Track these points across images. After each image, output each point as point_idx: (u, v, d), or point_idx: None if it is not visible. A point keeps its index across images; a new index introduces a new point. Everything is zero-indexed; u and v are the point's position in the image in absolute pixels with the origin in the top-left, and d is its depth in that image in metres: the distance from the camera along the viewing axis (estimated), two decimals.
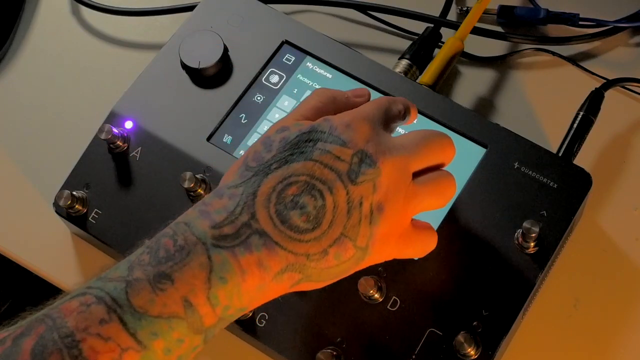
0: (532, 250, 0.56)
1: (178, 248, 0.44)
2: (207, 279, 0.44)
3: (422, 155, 0.51)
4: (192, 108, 0.63)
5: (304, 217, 0.46)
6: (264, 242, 0.45)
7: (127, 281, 0.43)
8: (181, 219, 0.46)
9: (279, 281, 0.46)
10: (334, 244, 0.46)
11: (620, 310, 0.60)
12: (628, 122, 0.67)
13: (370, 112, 0.50)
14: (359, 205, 0.47)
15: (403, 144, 0.50)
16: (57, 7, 0.76)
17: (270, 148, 0.48)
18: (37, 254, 0.66)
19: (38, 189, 0.68)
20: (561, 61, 0.70)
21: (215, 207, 0.46)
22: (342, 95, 0.53)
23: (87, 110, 0.70)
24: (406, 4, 0.71)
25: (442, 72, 0.65)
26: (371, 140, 0.48)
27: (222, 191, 0.47)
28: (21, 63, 0.74)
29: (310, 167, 0.47)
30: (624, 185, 0.64)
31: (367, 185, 0.47)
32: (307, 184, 0.46)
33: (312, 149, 0.47)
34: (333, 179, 0.47)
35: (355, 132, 0.48)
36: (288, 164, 0.47)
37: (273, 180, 0.47)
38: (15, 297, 0.93)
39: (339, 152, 0.47)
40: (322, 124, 0.49)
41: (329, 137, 0.48)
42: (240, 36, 0.65)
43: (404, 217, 0.49)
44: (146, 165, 0.62)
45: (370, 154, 0.48)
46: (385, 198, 0.48)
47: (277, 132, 0.49)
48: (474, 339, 0.54)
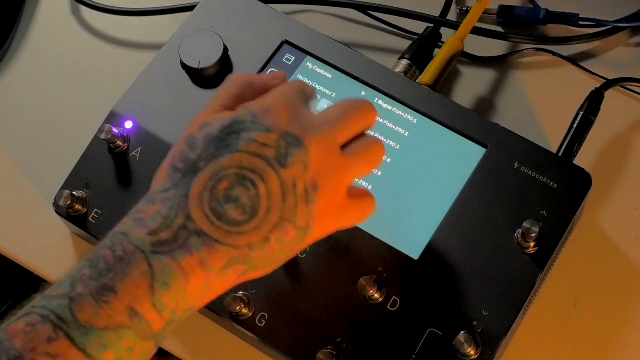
0: (532, 250, 0.56)
1: (117, 259, 0.44)
2: (150, 286, 0.43)
3: (346, 125, 0.50)
4: (192, 108, 0.63)
5: (240, 209, 0.45)
6: (203, 242, 0.45)
7: (71, 297, 0.43)
8: (118, 229, 0.46)
9: (224, 277, 0.46)
10: (273, 229, 0.46)
11: (620, 310, 0.60)
12: (628, 122, 0.67)
13: (289, 93, 0.50)
14: (293, 188, 0.47)
15: (326, 118, 0.49)
16: (57, 7, 0.76)
17: (195, 146, 0.47)
18: (37, 254, 0.66)
19: (38, 189, 0.68)
20: (561, 61, 0.70)
21: (149, 214, 0.46)
22: (259, 79, 0.52)
23: (87, 110, 0.70)
24: (406, 4, 0.71)
25: (442, 72, 0.65)
26: (294, 121, 0.48)
27: (154, 197, 0.47)
28: (21, 63, 0.74)
29: (238, 159, 0.46)
30: (624, 185, 0.64)
31: (298, 166, 0.47)
32: (237, 175, 0.46)
33: (236, 141, 0.47)
34: (263, 167, 0.46)
35: (277, 115, 0.48)
36: (215, 159, 0.46)
37: (203, 178, 0.46)
38: (15, 297, 0.93)
39: (264, 138, 0.47)
40: (242, 113, 0.48)
41: (252, 125, 0.47)
42: (240, 36, 0.65)
43: (339, 190, 0.49)
44: (146, 165, 0.62)
45: (295, 134, 0.47)
46: (318, 175, 0.47)
47: (199, 128, 0.48)
48: (474, 339, 0.54)
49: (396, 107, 0.62)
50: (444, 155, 0.60)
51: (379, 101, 0.62)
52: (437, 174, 0.59)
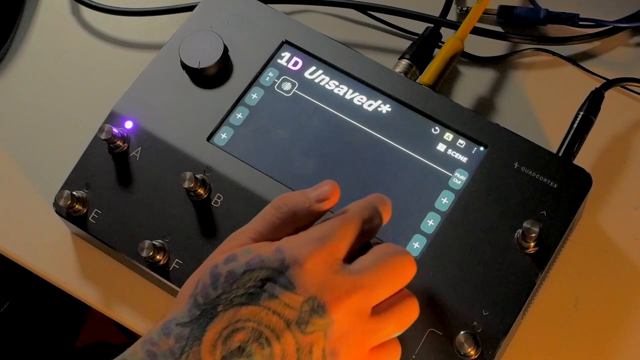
0: (532, 250, 0.56)
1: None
2: None
3: (381, 287, 0.47)
4: (192, 108, 0.63)
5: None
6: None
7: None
8: (131, 357, 0.45)
9: None
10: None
11: (620, 310, 0.61)
12: (628, 122, 0.67)
13: (331, 242, 0.47)
14: (309, 353, 0.45)
15: (362, 276, 0.47)
16: (57, 7, 0.76)
17: (217, 284, 0.46)
18: (37, 254, 0.66)
19: (38, 189, 0.68)
20: (561, 61, 0.70)
21: (162, 348, 0.45)
22: (303, 205, 0.49)
23: (87, 110, 0.70)
24: (406, 4, 0.71)
25: (442, 72, 0.65)
26: (326, 284, 0.45)
27: (171, 328, 0.45)
28: (21, 63, 0.74)
29: (258, 313, 0.44)
30: (624, 185, 0.64)
31: (318, 334, 0.45)
32: (254, 330, 0.44)
33: (260, 292, 0.45)
34: (281, 328, 0.44)
35: (308, 274, 0.45)
36: (235, 307, 0.45)
37: (219, 325, 0.44)
38: (15, 297, 0.93)
39: (289, 298, 0.45)
40: (272, 258, 0.46)
41: (279, 277, 0.45)
42: (240, 36, 0.65)
43: (361, 353, 0.47)
44: (146, 165, 0.62)
45: (322, 302, 0.45)
46: (339, 342, 0.45)
47: (225, 262, 0.46)
48: (474, 339, 0.54)
49: (396, 107, 0.62)
50: (444, 155, 0.60)
51: (379, 102, 0.62)
52: (438, 173, 0.59)
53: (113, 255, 0.63)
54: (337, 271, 0.46)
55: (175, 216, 0.60)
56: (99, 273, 0.64)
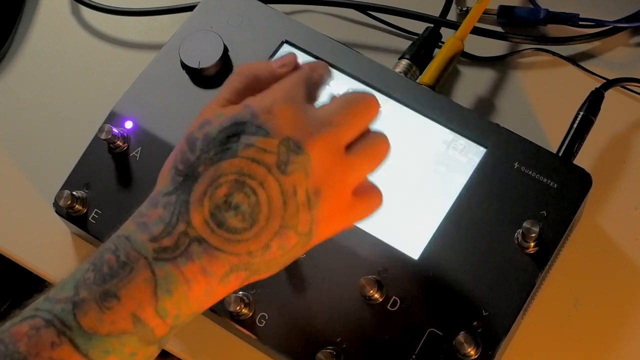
0: (532, 250, 0.56)
1: (121, 264, 0.44)
2: (154, 293, 0.44)
3: (350, 124, 0.49)
4: (192, 108, 0.63)
5: (240, 216, 0.45)
6: (204, 249, 0.45)
7: (74, 302, 0.43)
8: (122, 232, 0.46)
9: (226, 283, 0.45)
10: (274, 236, 0.46)
11: (620, 311, 0.60)
12: (628, 122, 0.67)
13: (292, 89, 0.48)
14: (293, 195, 0.46)
15: (329, 116, 0.48)
16: (57, 7, 0.76)
17: (194, 147, 0.47)
18: (37, 254, 0.66)
19: (38, 189, 0.68)
20: (561, 61, 0.70)
21: (152, 218, 0.46)
22: (265, 69, 0.51)
23: (87, 110, 0.70)
24: (406, 4, 0.71)
25: (442, 72, 0.65)
26: (296, 124, 0.47)
27: (157, 199, 0.46)
28: (21, 63, 0.74)
29: (238, 164, 0.45)
30: (624, 185, 0.64)
31: (299, 173, 0.46)
32: (237, 182, 0.45)
33: (236, 145, 0.46)
34: (263, 174, 0.45)
35: (278, 117, 0.47)
36: (214, 164, 0.46)
37: (203, 184, 0.45)
38: (16, 297, 0.93)
39: (264, 143, 0.46)
40: (242, 112, 0.47)
41: (251, 127, 0.46)
42: (240, 36, 0.65)
43: (343, 192, 0.48)
44: (146, 165, 0.62)
45: (296, 140, 0.46)
46: (320, 181, 0.46)
47: (199, 127, 0.48)
48: (474, 339, 0.54)
49: (396, 107, 0.62)
50: (444, 155, 0.60)
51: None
52: (438, 172, 0.59)
53: None
54: (304, 113, 0.48)
55: None
56: None
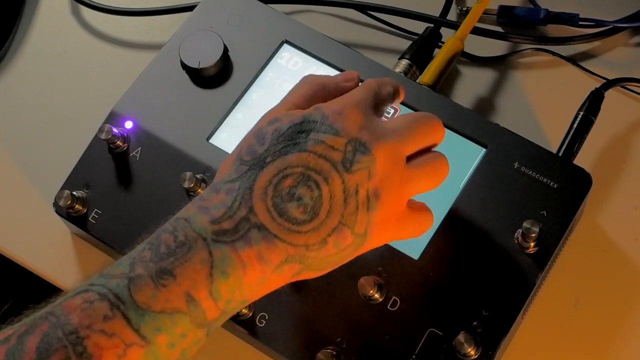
0: (532, 250, 0.56)
1: (179, 244, 0.45)
2: (209, 274, 0.44)
3: (414, 138, 0.50)
4: (192, 108, 0.63)
5: (301, 208, 0.46)
6: (263, 236, 0.45)
7: (130, 277, 0.44)
8: (181, 214, 0.47)
9: (279, 273, 0.46)
10: (332, 232, 0.47)
11: (620, 310, 0.60)
12: (628, 122, 0.67)
13: (361, 98, 0.50)
14: (355, 193, 0.47)
15: (395, 128, 0.50)
16: (57, 7, 0.76)
17: (264, 140, 0.48)
18: (37, 254, 0.66)
19: (38, 189, 0.68)
20: (561, 61, 0.70)
21: (213, 202, 0.46)
22: (331, 81, 0.53)
23: (87, 110, 0.70)
24: (406, 4, 0.71)
25: (442, 72, 0.65)
26: (364, 128, 0.48)
27: (219, 186, 0.47)
28: (21, 63, 0.74)
29: (305, 158, 0.47)
30: (624, 185, 0.64)
31: (362, 172, 0.47)
32: (302, 175, 0.47)
33: (305, 140, 0.47)
34: (328, 169, 0.47)
35: (347, 119, 0.48)
36: (282, 156, 0.47)
37: (269, 173, 0.47)
38: (16, 297, 0.93)
39: (333, 141, 0.47)
40: (313, 113, 0.49)
41: (322, 126, 0.48)
42: (240, 36, 0.65)
43: (400, 201, 0.50)
44: (146, 165, 0.62)
45: (363, 141, 0.48)
46: (381, 184, 0.48)
47: (269, 123, 0.49)
48: (474, 339, 0.54)
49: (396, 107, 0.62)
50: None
51: None
52: None
53: (113, 255, 0.63)
54: (372, 120, 0.49)
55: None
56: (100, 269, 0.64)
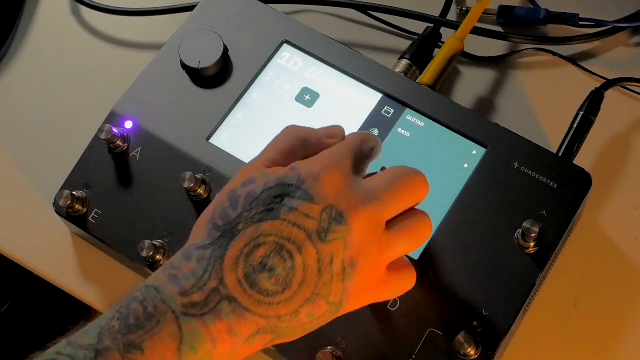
0: (532, 250, 0.56)
1: (148, 316, 0.44)
2: (178, 349, 0.43)
3: (394, 202, 0.48)
4: (192, 108, 0.63)
5: (274, 279, 0.45)
6: (234, 309, 0.44)
7: (97, 350, 0.43)
8: (151, 281, 0.46)
9: (250, 344, 0.45)
10: (305, 303, 0.46)
11: (620, 310, 0.60)
12: (628, 122, 0.67)
13: (341, 158, 0.48)
14: (329, 264, 0.46)
15: (375, 190, 0.48)
16: (57, 7, 0.76)
17: (236, 205, 0.47)
18: (37, 254, 0.66)
19: (38, 189, 0.68)
20: (561, 61, 0.70)
21: (184, 271, 0.45)
22: (313, 136, 0.51)
23: (87, 110, 0.70)
24: (406, 4, 0.71)
25: (442, 72, 0.65)
26: (341, 193, 0.47)
27: (191, 252, 0.46)
28: (21, 63, 0.74)
29: (279, 227, 0.45)
30: (624, 185, 0.64)
31: (338, 243, 0.46)
32: (276, 244, 0.45)
33: (279, 207, 0.46)
34: (302, 239, 0.45)
35: (324, 185, 0.47)
36: (255, 224, 0.46)
37: (240, 242, 0.45)
38: (16, 297, 0.93)
39: (307, 209, 0.46)
40: (289, 175, 0.47)
41: (297, 192, 0.46)
42: (240, 36, 0.65)
43: (378, 268, 0.48)
44: (146, 165, 0.62)
45: (340, 209, 0.46)
46: (358, 253, 0.46)
47: (244, 185, 0.48)
48: (474, 339, 0.54)
49: None
50: (444, 155, 0.60)
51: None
52: (437, 174, 0.59)
53: (113, 255, 0.63)
54: (351, 183, 0.48)
55: (175, 216, 0.60)
56: (99, 273, 0.64)
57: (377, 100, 0.62)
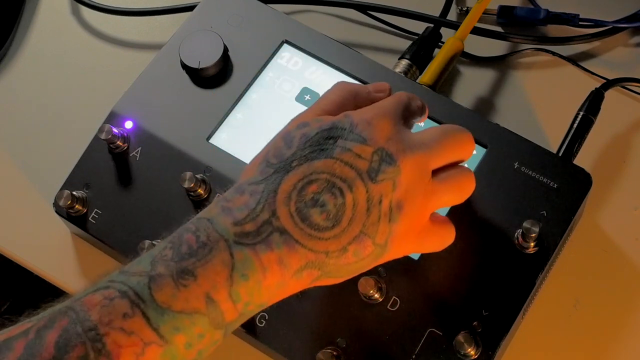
0: (532, 250, 0.56)
1: (201, 244, 0.45)
2: (229, 276, 0.44)
3: (441, 152, 0.50)
4: (192, 108, 0.63)
5: (324, 215, 0.46)
6: (285, 240, 0.45)
7: (150, 276, 0.44)
8: (203, 214, 0.47)
9: (298, 278, 0.46)
10: (353, 241, 0.47)
11: (620, 310, 0.60)
12: (628, 122, 0.67)
13: (391, 108, 0.50)
14: (378, 203, 0.47)
15: (423, 140, 0.50)
16: (57, 7, 0.76)
17: (291, 144, 0.48)
18: (37, 254, 0.66)
19: (38, 189, 0.68)
20: (561, 61, 0.70)
21: (237, 204, 0.46)
22: (363, 89, 0.53)
23: (87, 110, 0.70)
24: (406, 4, 0.71)
25: (442, 72, 0.65)
26: (392, 138, 0.48)
27: (244, 187, 0.47)
28: (21, 63, 0.74)
29: (331, 165, 0.47)
30: (624, 185, 0.64)
31: (387, 183, 0.47)
32: (327, 181, 0.46)
33: (332, 147, 0.47)
34: (353, 177, 0.47)
35: (376, 129, 0.48)
36: (309, 161, 0.47)
37: (294, 178, 0.47)
38: (16, 297, 0.93)
39: (360, 150, 0.47)
40: (342, 120, 0.49)
41: (350, 134, 0.48)
42: (240, 36, 0.65)
43: (422, 214, 0.50)
44: (146, 165, 0.62)
45: (390, 152, 0.48)
46: (405, 196, 0.48)
47: (298, 127, 0.49)
48: (474, 339, 0.54)
49: None
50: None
51: None
52: None
53: (113, 255, 0.63)
54: (400, 131, 0.49)
55: (175, 216, 0.60)
56: (98, 273, 0.64)
57: None
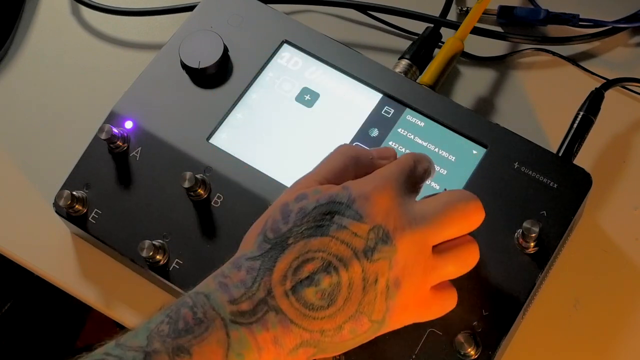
0: (532, 250, 0.56)
1: (197, 321, 0.45)
2: (225, 355, 0.44)
3: (442, 228, 0.49)
4: (192, 108, 0.63)
5: (319, 294, 0.46)
6: (280, 320, 0.45)
7: (146, 352, 0.43)
8: (201, 288, 0.47)
9: (294, 356, 0.46)
10: (349, 320, 0.47)
11: (620, 310, 0.60)
12: (628, 122, 0.67)
13: (393, 179, 0.49)
14: (374, 283, 0.47)
15: (425, 213, 0.49)
16: (57, 7, 0.76)
17: (288, 219, 0.48)
18: (37, 254, 0.66)
19: (38, 189, 0.68)
20: (561, 61, 0.70)
21: (234, 280, 0.46)
22: (366, 155, 0.52)
23: (87, 110, 0.70)
24: (406, 4, 0.71)
25: (442, 72, 0.65)
26: (390, 214, 0.48)
27: (241, 262, 0.47)
28: (21, 63, 0.74)
29: (327, 243, 0.47)
30: (624, 185, 0.64)
31: (383, 262, 0.47)
32: (323, 260, 0.46)
33: (329, 224, 0.47)
34: (349, 256, 0.46)
35: (374, 205, 0.48)
36: (305, 239, 0.47)
37: (290, 256, 0.46)
38: (16, 297, 0.93)
39: (356, 228, 0.47)
40: (340, 193, 0.48)
41: (347, 210, 0.47)
42: (240, 36, 0.65)
43: (422, 289, 0.49)
44: (146, 165, 0.62)
45: (387, 230, 0.47)
46: (402, 273, 0.47)
47: (296, 200, 0.49)
48: (474, 339, 0.54)
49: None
50: (444, 155, 0.60)
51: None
52: (437, 174, 0.59)
53: (113, 255, 0.63)
54: (400, 204, 0.48)
55: (175, 216, 0.60)
56: (99, 273, 0.64)
57: (377, 101, 0.62)
